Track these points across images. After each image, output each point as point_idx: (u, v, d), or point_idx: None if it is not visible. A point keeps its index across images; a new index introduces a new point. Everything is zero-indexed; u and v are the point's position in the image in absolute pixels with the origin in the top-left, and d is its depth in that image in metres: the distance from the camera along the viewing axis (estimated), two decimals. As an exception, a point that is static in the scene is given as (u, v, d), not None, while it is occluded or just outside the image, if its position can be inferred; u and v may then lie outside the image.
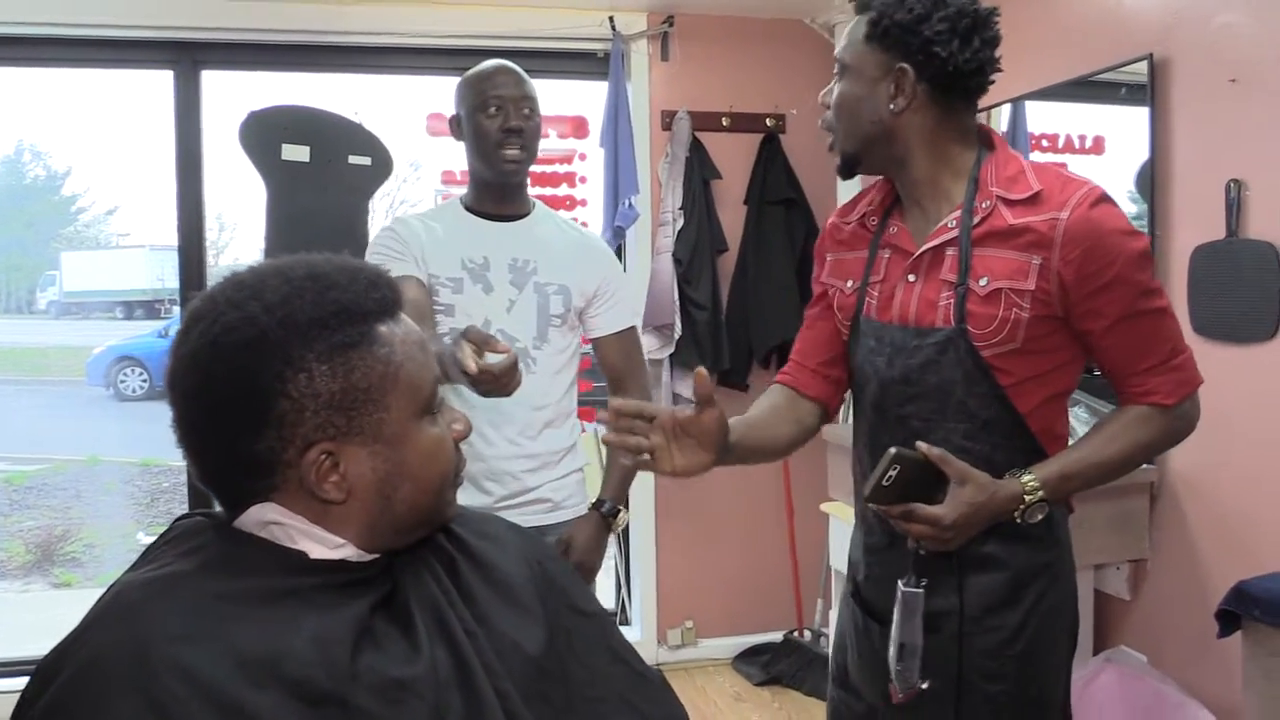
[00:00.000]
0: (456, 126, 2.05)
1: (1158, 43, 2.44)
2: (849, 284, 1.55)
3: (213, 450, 0.93)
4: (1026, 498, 1.36)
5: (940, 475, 1.34)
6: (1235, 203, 2.23)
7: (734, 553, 3.83)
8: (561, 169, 3.70)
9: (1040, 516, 1.38)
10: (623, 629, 3.78)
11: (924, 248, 1.42)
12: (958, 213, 1.40)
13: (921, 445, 1.34)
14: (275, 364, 0.88)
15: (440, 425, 1.00)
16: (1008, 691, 1.40)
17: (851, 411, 1.60)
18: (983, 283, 1.36)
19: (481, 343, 1.60)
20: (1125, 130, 2.66)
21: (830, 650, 1.72)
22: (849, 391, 1.63)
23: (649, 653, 3.78)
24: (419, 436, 0.96)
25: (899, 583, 1.38)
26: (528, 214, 2.08)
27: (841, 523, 3.13)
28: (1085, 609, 2.62)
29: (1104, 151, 2.86)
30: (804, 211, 3.76)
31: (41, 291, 14.08)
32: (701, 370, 1.37)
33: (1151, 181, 2.47)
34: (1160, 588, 2.53)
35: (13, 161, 14.02)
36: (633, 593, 3.84)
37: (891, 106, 1.40)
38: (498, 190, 2.03)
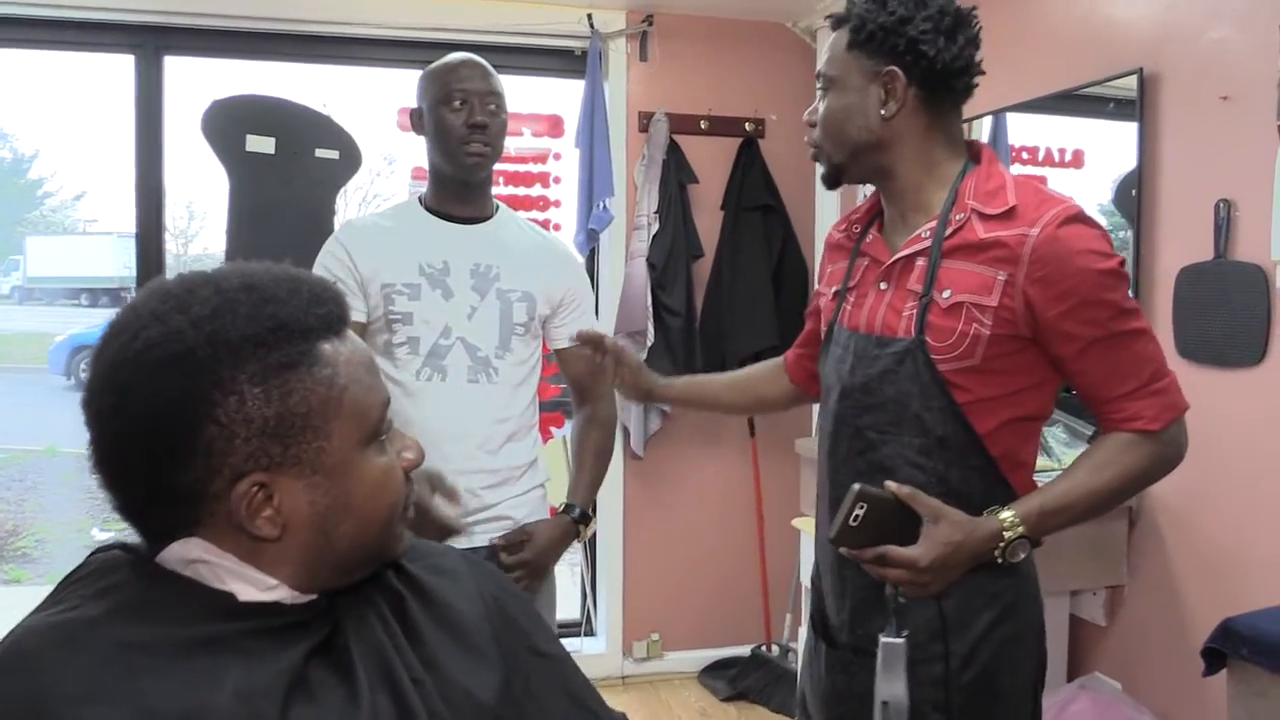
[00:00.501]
0: (418, 120, 1.95)
1: (1148, 57, 2.39)
2: (831, 290, 1.56)
3: (131, 479, 0.83)
4: (1006, 534, 1.30)
5: (913, 515, 1.28)
6: (1224, 223, 2.17)
7: (703, 565, 3.76)
8: (535, 168, 3.61)
9: (1022, 555, 1.32)
10: (587, 640, 3.72)
11: (895, 256, 1.41)
12: (933, 223, 1.38)
13: (890, 484, 1.29)
14: (202, 385, 0.79)
15: (389, 454, 0.90)
16: None
17: (819, 421, 1.58)
18: (945, 295, 1.34)
19: (437, 486, 1.60)
20: (1106, 144, 2.62)
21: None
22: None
23: (613, 665, 3.70)
24: (364, 467, 0.87)
25: (879, 635, 1.30)
26: (490, 216, 1.99)
27: (812, 538, 3.07)
28: (1060, 634, 2.58)
29: (1083, 165, 2.83)
30: (781, 218, 3.70)
31: (4, 276, 13.86)
32: (585, 332, 1.70)
33: (1138, 200, 2.41)
34: (1137, 615, 2.48)
35: (-23, 144, 13.77)
36: (598, 603, 3.76)
37: (883, 111, 1.39)
38: (460, 189, 1.94)
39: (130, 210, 3.33)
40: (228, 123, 3.30)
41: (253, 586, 0.84)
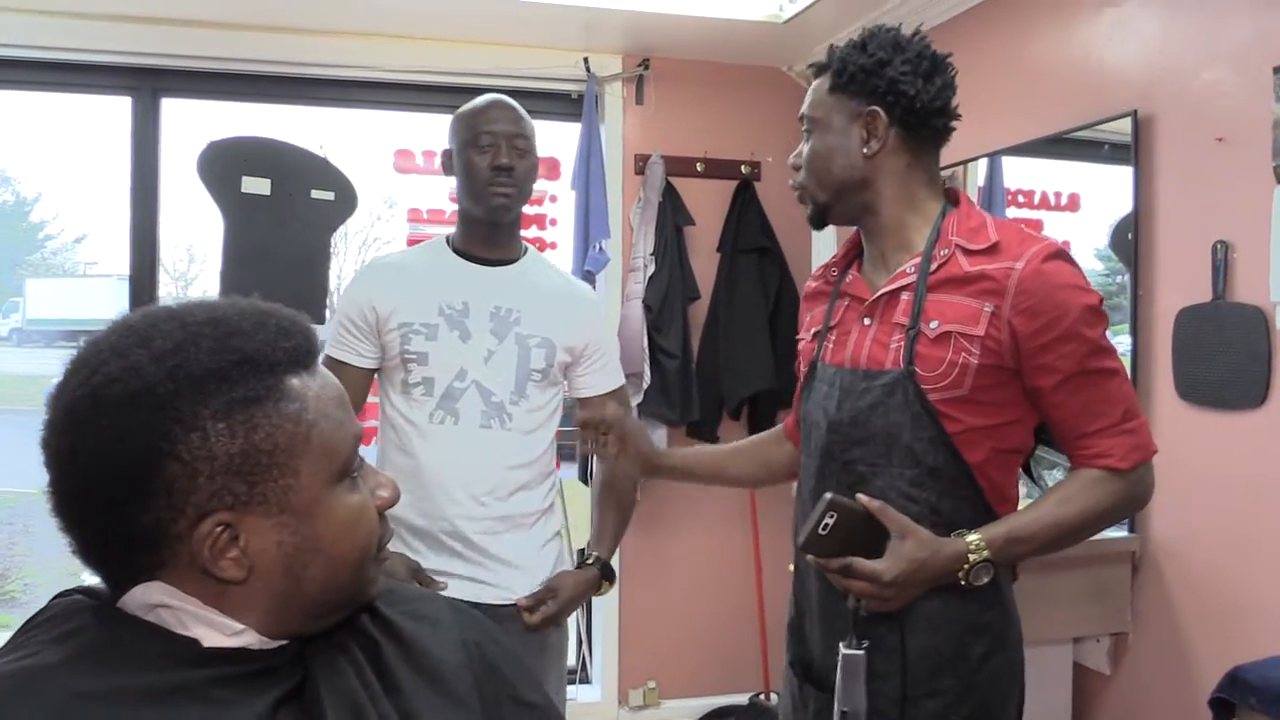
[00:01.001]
0: (448, 162, 1.94)
1: (1141, 99, 2.39)
2: (811, 332, 1.59)
3: (91, 521, 0.80)
4: (971, 557, 1.32)
5: (882, 530, 1.30)
6: (1222, 264, 2.16)
7: (700, 611, 3.71)
8: (531, 210, 3.60)
9: (986, 579, 1.34)
10: (583, 688, 3.66)
11: (880, 291, 1.45)
12: (916, 259, 1.43)
13: (861, 497, 1.32)
14: (163, 421, 0.76)
15: (361, 492, 0.87)
16: None
17: (802, 461, 1.58)
18: (933, 325, 1.37)
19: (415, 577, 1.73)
20: (1102, 188, 2.61)
21: None
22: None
23: (609, 713, 3.63)
24: (334, 505, 0.84)
25: (840, 645, 1.33)
26: (517, 259, 1.96)
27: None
28: (1064, 683, 2.53)
29: (1079, 209, 2.83)
30: (778, 260, 3.69)
31: (4, 318, 13.86)
32: (585, 417, 1.66)
33: (1135, 242, 2.40)
34: (1142, 662, 2.43)
35: (-21, 186, 13.86)
36: (594, 650, 3.70)
37: (865, 150, 1.44)
38: (486, 230, 1.92)
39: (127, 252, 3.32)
40: (223, 164, 3.29)
41: (218, 632, 0.80)
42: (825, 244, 3.67)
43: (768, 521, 3.72)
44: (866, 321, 1.46)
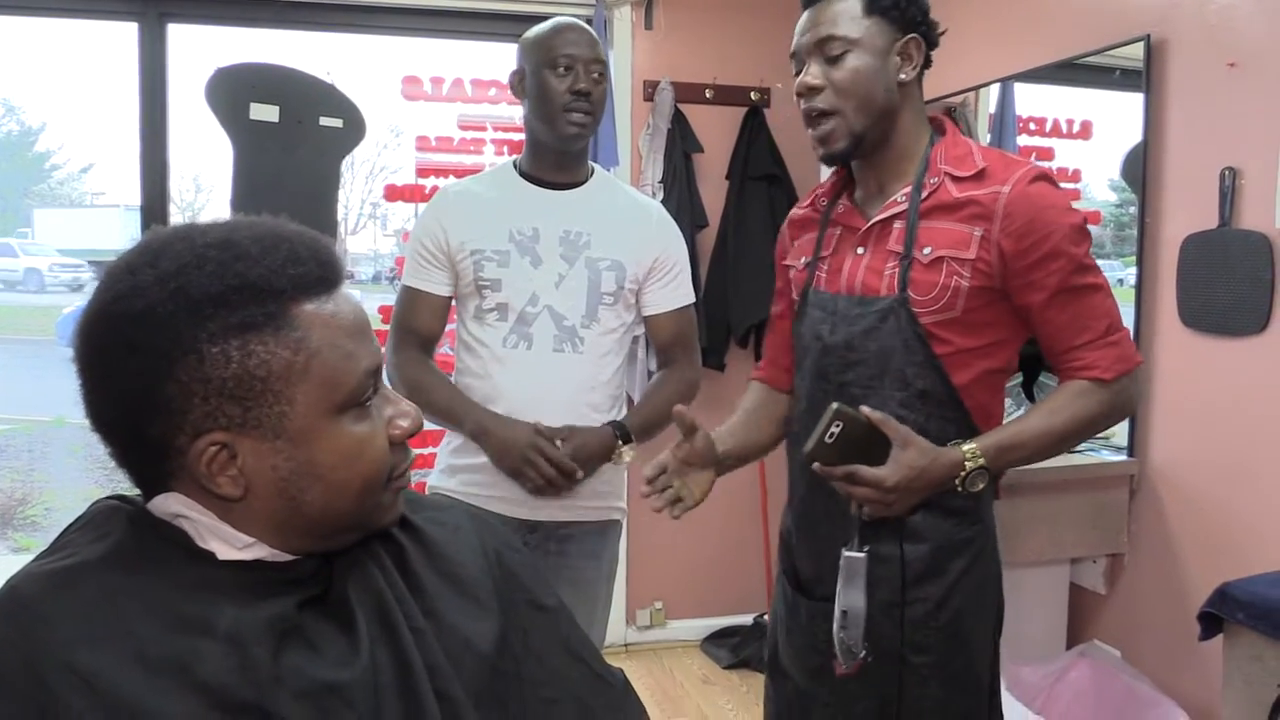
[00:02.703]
0: (519, 84, 1.92)
1: (1155, 24, 2.37)
2: (801, 261, 1.61)
3: (110, 428, 0.84)
4: (967, 463, 1.37)
5: (883, 441, 1.35)
6: (1229, 191, 2.16)
7: (706, 534, 3.77)
8: (540, 137, 3.59)
9: (981, 486, 1.39)
10: (591, 608, 3.74)
11: (873, 220, 1.48)
12: (908, 189, 1.46)
13: (864, 408, 1.35)
14: (161, 341, 0.78)
15: (372, 421, 0.87)
16: (933, 664, 1.43)
17: (796, 384, 1.62)
18: (926, 251, 1.42)
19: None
20: (1115, 115, 2.60)
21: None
22: None
23: (617, 633, 3.72)
24: (335, 434, 0.84)
25: (841, 548, 1.38)
26: (585, 181, 1.97)
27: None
28: (1060, 602, 2.60)
29: (1091, 137, 2.81)
30: (787, 188, 3.68)
31: (14, 256, 13.87)
32: (679, 406, 1.53)
33: (1143, 169, 2.40)
34: (1137, 583, 2.49)
35: (-16, 115, 13.77)
36: (602, 572, 3.78)
37: (902, 76, 1.45)
38: (557, 156, 1.92)
39: (136, 182, 3.33)
40: (231, 90, 3.28)
41: (229, 545, 0.84)
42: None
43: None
44: (860, 250, 1.49)
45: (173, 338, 0.78)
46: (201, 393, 0.79)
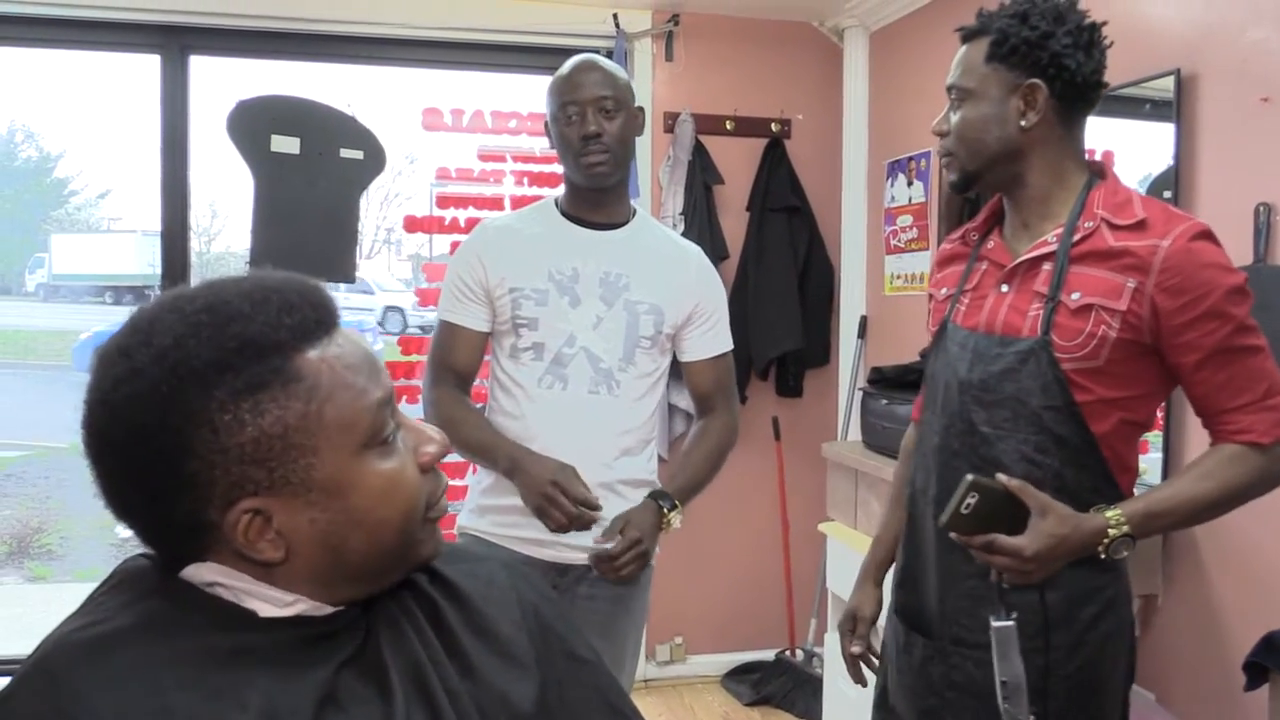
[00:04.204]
0: (547, 131, 1.95)
1: (1184, 58, 2.34)
2: (943, 291, 1.61)
3: (133, 514, 0.81)
4: (1111, 532, 1.33)
5: (1021, 506, 1.31)
6: (1264, 228, 2.13)
7: (726, 568, 3.74)
8: (560, 169, 3.58)
9: (1126, 553, 1.35)
10: (610, 643, 3.70)
11: (1020, 259, 1.47)
12: (1059, 229, 1.44)
13: (1001, 476, 1.32)
14: (172, 419, 0.75)
15: (398, 454, 0.85)
16: (1060, 712, 1.41)
17: (924, 417, 1.61)
18: (1074, 297, 1.39)
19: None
20: (1136, 146, 2.57)
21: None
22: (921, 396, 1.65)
23: (636, 668, 3.67)
24: (364, 475, 0.82)
25: (989, 619, 1.35)
26: (625, 222, 1.95)
27: (839, 543, 3.04)
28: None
29: (1112, 166, 2.78)
30: (807, 219, 3.67)
31: (30, 274, 14.01)
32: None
33: (1175, 202, 2.37)
34: (1171, 625, 2.43)
35: (4, 142, 13.95)
36: (621, 606, 3.73)
37: (1023, 122, 1.44)
38: (593, 195, 1.92)
39: (153, 208, 3.35)
40: (253, 123, 3.29)
41: (271, 605, 0.82)
42: (856, 204, 3.64)
43: (794, 481, 3.73)
44: (1004, 288, 1.48)
45: (182, 414, 0.75)
46: (222, 463, 0.76)
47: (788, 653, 3.70)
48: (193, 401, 0.75)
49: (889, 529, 1.77)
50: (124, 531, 0.88)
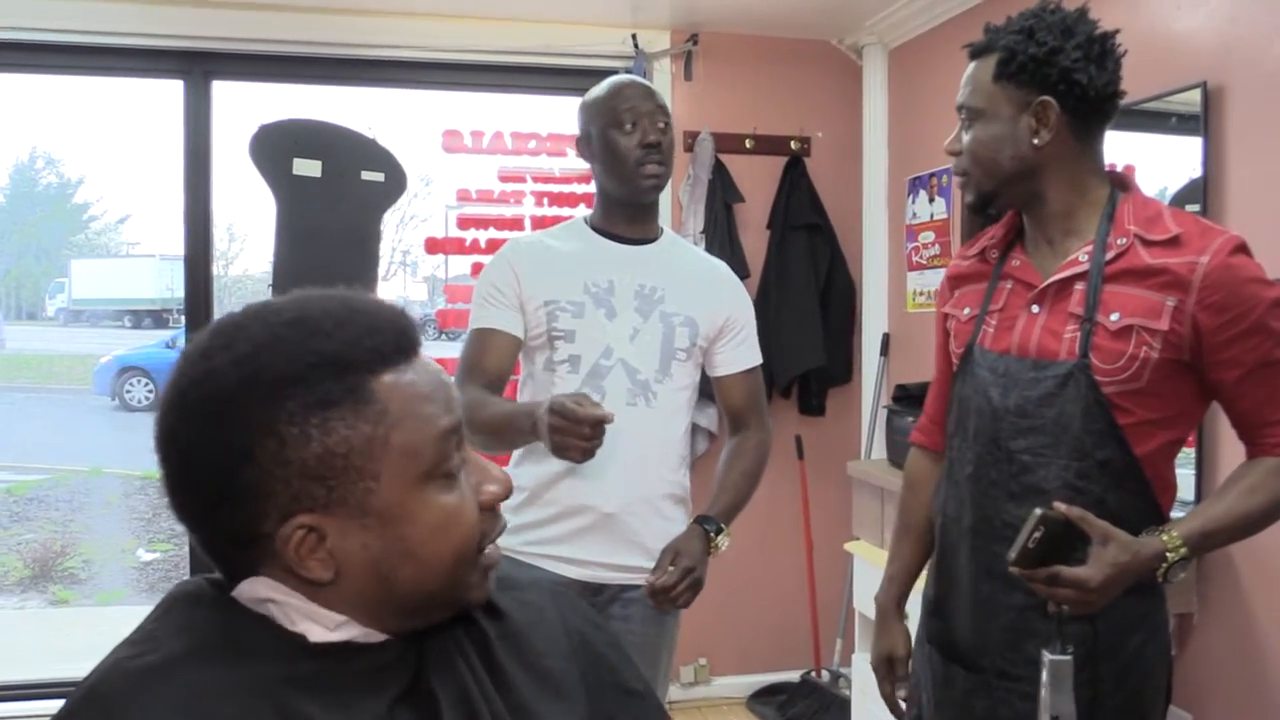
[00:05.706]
0: (586, 147, 1.93)
1: (1211, 71, 2.32)
2: (965, 311, 1.56)
3: (194, 520, 0.81)
4: (1169, 555, 1.31)
5: (1080, 535, 1.29)
6: (1296, 240, 2.10)
7: (751, 589, 3.70)
8: (580, 189, 3.59)
9: (1182, 575, 1.33)
10: (633, 665, 3.67)
11: (1051, 279, 1.43)
12: (1089, 247, 1.41)
13: (1060, 505, 1.29)
14: (239, 426, 0.76)
15: (459, 490, 0.84)
16: None
17: (952, 444, 1.56)
18: (1114, 318, 1.36)
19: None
20: (1159, 159, 2.55)
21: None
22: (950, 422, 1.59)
23: (660, 690, 3.65)
24: (422, 507, 0.81)
25: (1044, 652, 1.31)
26: (657, 238, 1.96)
27: (865, 562, 3.01)
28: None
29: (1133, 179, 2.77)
30: (828, 237, 3.66)
31: (50, 298, 14.12)
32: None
33: (1204, 215, 2.35)
34: (1207, 645, 2.39)
35: (25, 168, 14.10)
36: (644, 627, 3.71)
37: (1035, 140, 1.41)
38: (630, 211, 1.92)
39: (173, 232, 3.46)
40: (275, 146, 3.31)
41: (320, 625, 0.81)
42: (877, 222, 3.63)
43: (818, 499, 3.71)
44: (1035, 309, 1.44)
45: (250, 421, 0.76)
46: (283, 475, 0.76)
47: (813, 674, 3.66)
48: (262, 410, 0.76)
49: (900, 563, 1.74)
50: (146, 555, 0.87)
